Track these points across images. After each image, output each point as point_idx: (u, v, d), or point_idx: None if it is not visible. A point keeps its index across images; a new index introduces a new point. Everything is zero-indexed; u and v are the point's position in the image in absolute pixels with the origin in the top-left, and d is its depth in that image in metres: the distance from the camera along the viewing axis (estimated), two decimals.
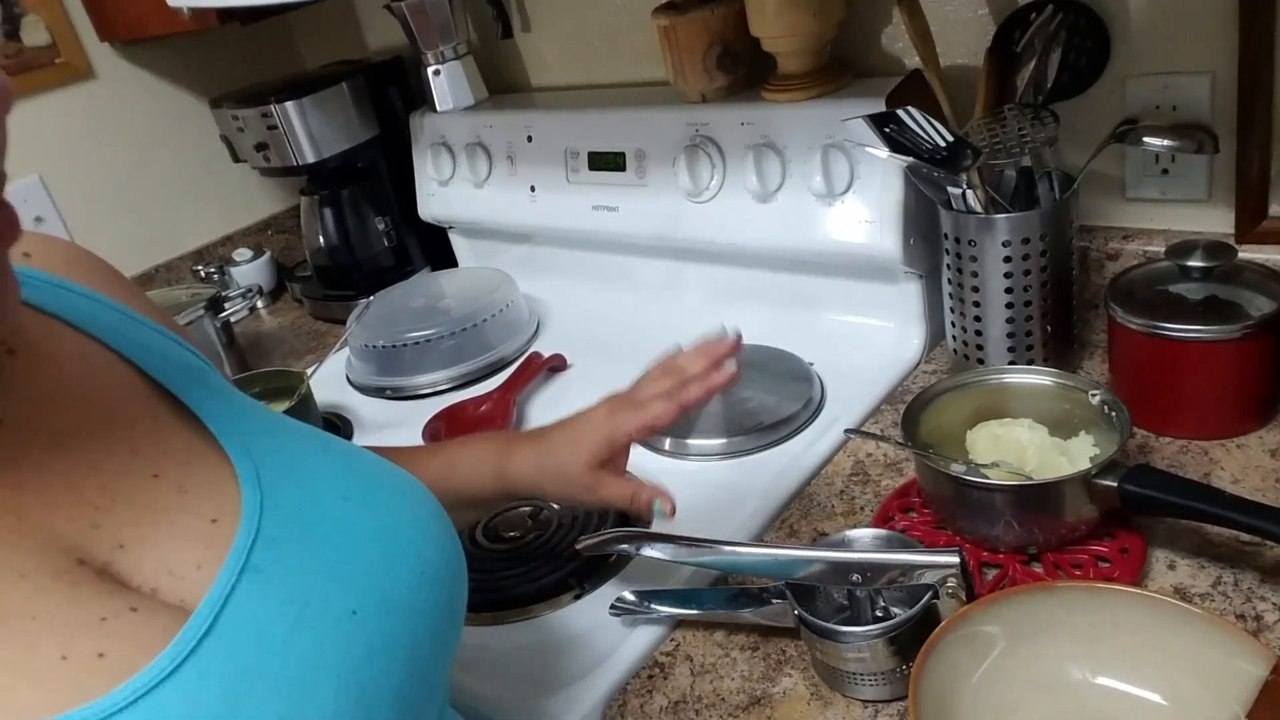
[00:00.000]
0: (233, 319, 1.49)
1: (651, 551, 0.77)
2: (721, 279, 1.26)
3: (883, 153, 0.90)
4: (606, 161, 1.25)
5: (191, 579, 0.44)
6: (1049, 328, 0.96)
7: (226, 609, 0.43)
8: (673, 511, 0.77)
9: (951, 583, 0.67)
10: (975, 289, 0.96)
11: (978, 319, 0.97)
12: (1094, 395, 0.81)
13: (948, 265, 0.98)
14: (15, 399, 0.45)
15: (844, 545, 0.74)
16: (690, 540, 0.76)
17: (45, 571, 0.41)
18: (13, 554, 0.41)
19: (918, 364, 1.09)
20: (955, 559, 0.66)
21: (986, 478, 0.77)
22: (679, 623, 0.80)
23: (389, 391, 1.32)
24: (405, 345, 1.31)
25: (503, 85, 1.49)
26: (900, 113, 0.91)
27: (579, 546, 0.81)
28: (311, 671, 0.44)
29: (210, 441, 0.50)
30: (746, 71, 1.15)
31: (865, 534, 0.75)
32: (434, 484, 0.66)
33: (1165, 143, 0.90)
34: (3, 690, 0.37)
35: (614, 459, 0.79)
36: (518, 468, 0.78)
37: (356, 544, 0.50)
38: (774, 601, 0.74)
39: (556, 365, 1.27)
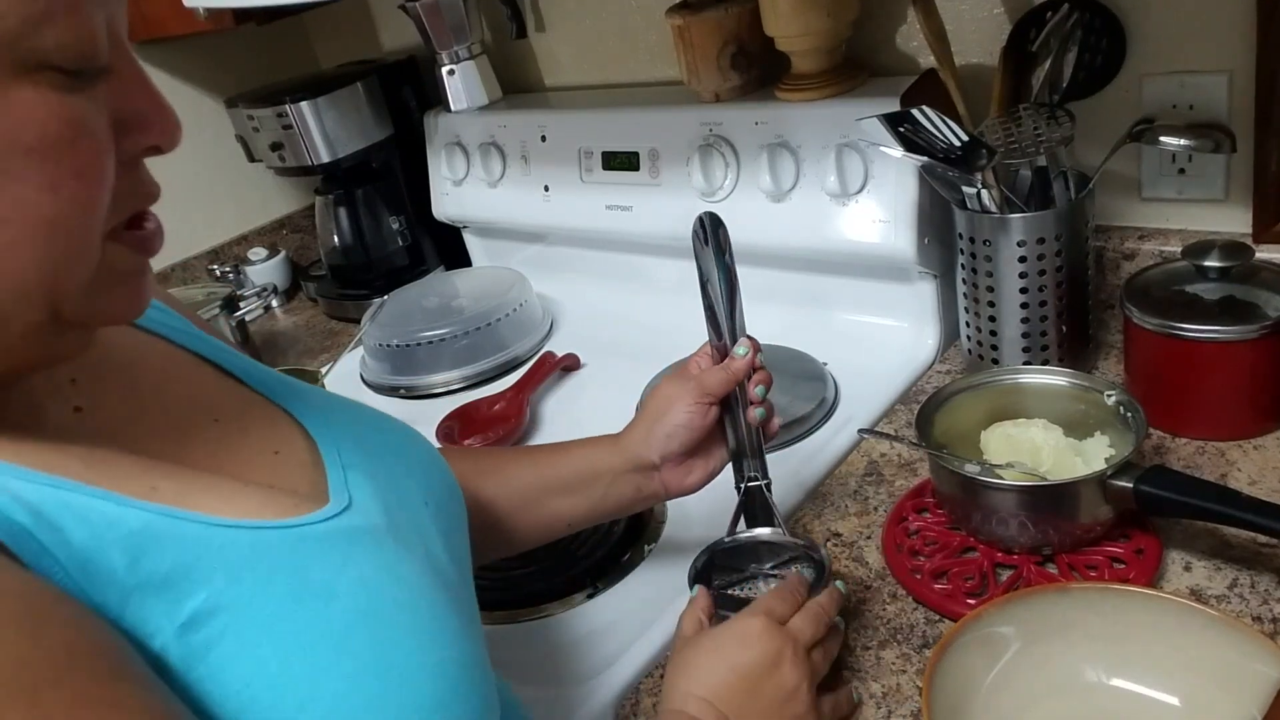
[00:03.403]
0: (248, 318, 1.50)
1: None
2: None
3: (897, 152, 0.90)
4: (620, 161, 1.25)
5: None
6: (1064, 328, 0.95)
7: (348, 483, 0.53)
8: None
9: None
10: (990, 289, 0.95)
11: (992, 319, 0.97)
12: (1109, 396, 0.81)
13: (962, 265, 0.98)
14: (83, 365, 0.51)
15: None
16: None
17: (167, 459, 0.49)
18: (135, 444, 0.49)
19: (932, 364, 1.09)
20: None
21: (1001, 478, 0.77)
22: None
23: (403, 390, 1.32)
24: (419, 344, 1.31)
25: (517, 85, 1.49)
26: (915, 112, 0.91)
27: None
28: (418, 532, 0.55)
29: (255, 395, 0.58)
30: (760, 71, 1.15)
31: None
32: (576, 475, 0.77)
33: (1182, 142, 0.89)
34: (219, 498, 0.46)
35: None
36: (633, 439, 0.77)
37: (405, 459, 0.60)
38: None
39: (570, 365, 1.27)
